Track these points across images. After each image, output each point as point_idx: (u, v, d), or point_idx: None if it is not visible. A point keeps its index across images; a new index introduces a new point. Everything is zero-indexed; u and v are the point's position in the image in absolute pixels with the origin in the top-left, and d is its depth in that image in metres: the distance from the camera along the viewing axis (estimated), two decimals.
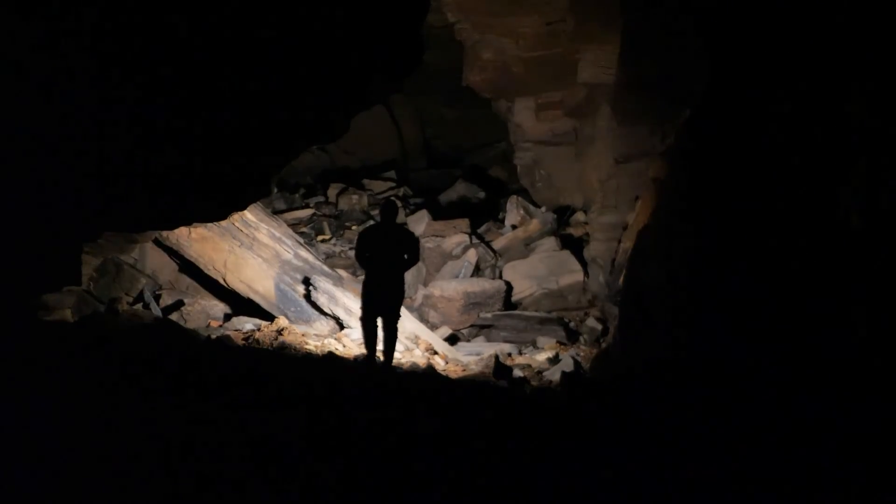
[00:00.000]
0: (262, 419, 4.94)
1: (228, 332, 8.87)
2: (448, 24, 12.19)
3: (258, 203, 9.85)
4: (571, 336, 10.51)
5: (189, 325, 9.19)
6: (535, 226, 12.17)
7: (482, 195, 14.72)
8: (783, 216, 4.64)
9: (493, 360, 8.65)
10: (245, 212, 9.63)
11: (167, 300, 9.91)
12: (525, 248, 12.03)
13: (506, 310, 10.94)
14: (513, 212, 12.65)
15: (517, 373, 8.72)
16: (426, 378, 7.76)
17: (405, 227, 10.34)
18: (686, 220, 6.18)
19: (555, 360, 9.33)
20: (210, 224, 9.49)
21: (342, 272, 10.46)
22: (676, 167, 7.00)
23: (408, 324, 9.36)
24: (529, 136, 12.59)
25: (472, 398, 6.66)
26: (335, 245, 13.12)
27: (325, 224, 13.78)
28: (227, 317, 9.80)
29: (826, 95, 4.31)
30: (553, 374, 8.63)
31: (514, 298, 11.19)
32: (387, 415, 5.42)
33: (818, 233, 4.27)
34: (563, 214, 12.59)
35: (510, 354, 9.80)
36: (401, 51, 7.46)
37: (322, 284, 9.69)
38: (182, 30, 5.43)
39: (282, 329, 8.95)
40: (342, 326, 9.58)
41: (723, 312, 5.16)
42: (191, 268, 10.08)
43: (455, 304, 10.78)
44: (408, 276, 8.42)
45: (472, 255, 11.69)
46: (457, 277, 11.35)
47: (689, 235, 5.97)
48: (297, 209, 14.33)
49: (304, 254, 10.11)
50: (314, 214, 14.19)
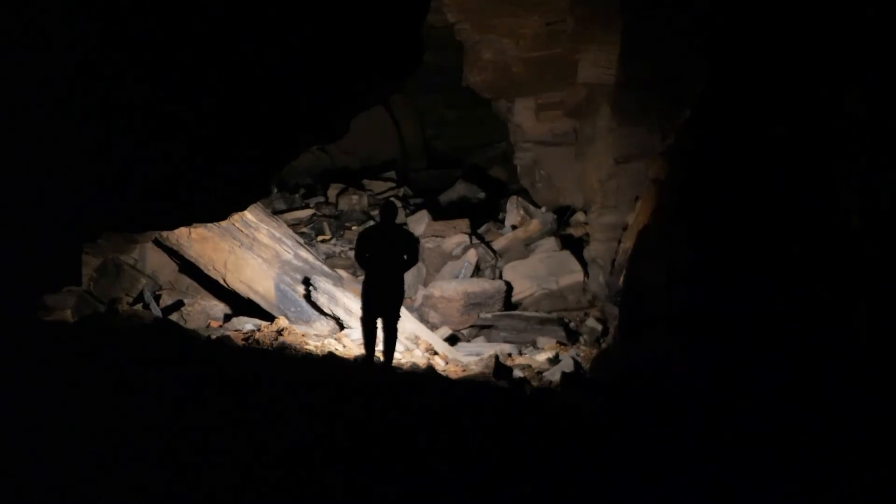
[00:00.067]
0: (262, 421, 4.94)
1: (228, 333, 8.87)
2: (448, 24, 12.18)
3: (258, 203, 9.85)
4: (571, 336, 10.50)
5: (189, 326, 9.19)
6: (535, 226, 12.16)
7: (482, 195, 14.70)
8: (783, 216, 4.64)
9: (493, 361, 8.64)
10: (245, 212, 9.63)
11: (167, 300, 9.91)
12: (525, 249, 12.01)
13: (506, 310, 10.93)
14: (513, 212, 12.63)
15: (517, 373, 8.71)
16: (426, 378, 7.76)
17: (405, 228, 10.33)
18: (686, 221, 6.18)
19: (555, 361, 9.31)
20: (210, 224, 9.49)
21: (342, 272, 10.45)
22: (676, 167, 7.00)
23: (408, 324, 9.35)
24: (529, 137, 12.58)
25: (472, 398, 6.65)
26: (335, 245, 13.11)
27: (325, 224, 13.77)
28: (227, 317, 9.80)
29: (826, 96, 4.32)
30: (553, 375, 8.62)
31: (515, 299, 11.17)
32: (386, 415, 5.42)
33: (818, 233, 4.28)
34: (563, 215, 12.57)
35: (510, 355, 9.79)
36: (401, 51, 7.46)
37: (322, 285, 9.69)
38: (183, 30, 5.44)
39: (282, 329, 8.94)
40: (342, 327, 9.57)
41: (723, 312, 5.16)
42: (191, 268, 10.08)
43: (455, 305, 10.77)
44: (408, 277, 8.41)
45: (472, 256, 11.68)
46: (457, 278, 11.34)
47: (689, 235, 5.98)
48: (297, 209, 14.31)
49: (304, 254, 10.11)
50: (314, 215, 14.18)
